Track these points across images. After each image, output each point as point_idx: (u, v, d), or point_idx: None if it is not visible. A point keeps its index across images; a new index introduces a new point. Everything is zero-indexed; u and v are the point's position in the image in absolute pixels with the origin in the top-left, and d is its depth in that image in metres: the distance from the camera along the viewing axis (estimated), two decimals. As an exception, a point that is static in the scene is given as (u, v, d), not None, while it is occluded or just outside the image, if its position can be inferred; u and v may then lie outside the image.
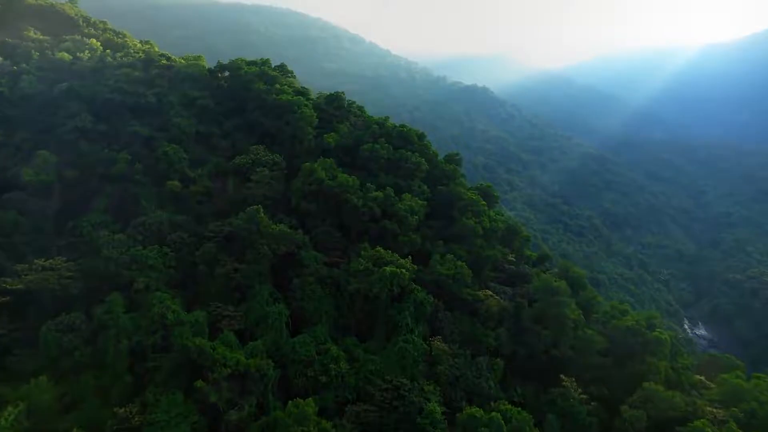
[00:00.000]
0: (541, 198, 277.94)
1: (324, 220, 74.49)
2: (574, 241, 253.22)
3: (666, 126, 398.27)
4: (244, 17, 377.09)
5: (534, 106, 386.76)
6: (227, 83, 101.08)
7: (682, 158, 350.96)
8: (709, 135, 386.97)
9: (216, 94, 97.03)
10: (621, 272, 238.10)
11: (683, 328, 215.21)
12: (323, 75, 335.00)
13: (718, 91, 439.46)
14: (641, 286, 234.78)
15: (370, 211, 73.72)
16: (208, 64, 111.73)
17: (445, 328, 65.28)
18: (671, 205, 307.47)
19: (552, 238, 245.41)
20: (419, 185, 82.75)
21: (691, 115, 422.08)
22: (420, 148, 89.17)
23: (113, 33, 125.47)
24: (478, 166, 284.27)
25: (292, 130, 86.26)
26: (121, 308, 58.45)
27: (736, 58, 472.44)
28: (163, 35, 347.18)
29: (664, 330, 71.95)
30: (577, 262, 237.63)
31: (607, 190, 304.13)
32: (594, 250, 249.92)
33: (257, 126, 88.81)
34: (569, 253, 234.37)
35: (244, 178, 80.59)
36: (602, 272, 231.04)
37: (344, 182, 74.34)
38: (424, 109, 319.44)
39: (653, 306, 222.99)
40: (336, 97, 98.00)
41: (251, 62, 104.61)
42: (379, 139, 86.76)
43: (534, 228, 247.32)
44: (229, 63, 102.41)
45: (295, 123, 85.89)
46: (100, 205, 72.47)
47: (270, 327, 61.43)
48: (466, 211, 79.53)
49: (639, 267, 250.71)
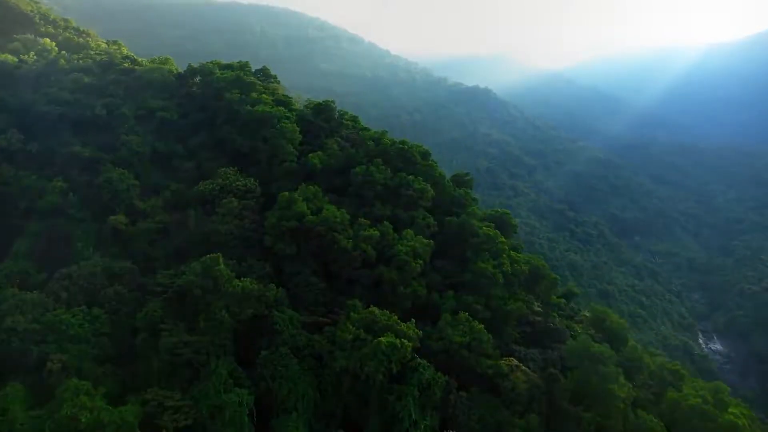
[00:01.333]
0: (547, 204, 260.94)
1: (305, 264, 57.79)
2: (581, 249, 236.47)
3: (670, 127, 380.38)
4: (240, 16, 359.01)
5: (536, 108, 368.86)
6: (200, 90, 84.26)
7: (688, 161, 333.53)
8: (714, 136, 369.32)
9: (184, 104, 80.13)
10: (632, 283, 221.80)
11: (698, 343, 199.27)
12: (321, 76, 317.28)
13: (722, 92, 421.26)
14: (653, 297, 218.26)
15: (363, 254, 57.14)
16: (177, 68, 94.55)
17: (460, 415, 48.55)
18: (679, 210, 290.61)
19: (559, 247, 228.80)
20: (423, 216, 65.97)
21: (695, 116, 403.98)
22: (424, 169, 72.18)
23: (75, 32, 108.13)
24: (481, 171, 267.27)
25: (269, 149, 69.46)
26: (20, 404, 42.04)
27: (741, 58, 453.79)
28: (155, 35, 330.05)
29: (736, 406, 55.00)
30: (586, 273, 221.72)
31: (613, 195, 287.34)
32: (603, 259, 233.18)
33: (229, 143, 71.94)
34: (578, 264, 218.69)
35: (211, 209, 64.03)
36: (612, 283, 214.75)
37: (331, 218, 57.61)
38: (425, 112, 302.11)
39: (666, 319, 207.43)
40: (325, 106, 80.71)
41: (226, 66, 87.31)
42: (375, 159, 69.70)
43: (540, 236, 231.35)
44: (200, 66, 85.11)
45: (273, 140, 69.10)
46: (21, 248, 55.78)
47: (228, 421, 44.92)
48: (482, 250, 62.61)
49: (649, 277, 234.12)
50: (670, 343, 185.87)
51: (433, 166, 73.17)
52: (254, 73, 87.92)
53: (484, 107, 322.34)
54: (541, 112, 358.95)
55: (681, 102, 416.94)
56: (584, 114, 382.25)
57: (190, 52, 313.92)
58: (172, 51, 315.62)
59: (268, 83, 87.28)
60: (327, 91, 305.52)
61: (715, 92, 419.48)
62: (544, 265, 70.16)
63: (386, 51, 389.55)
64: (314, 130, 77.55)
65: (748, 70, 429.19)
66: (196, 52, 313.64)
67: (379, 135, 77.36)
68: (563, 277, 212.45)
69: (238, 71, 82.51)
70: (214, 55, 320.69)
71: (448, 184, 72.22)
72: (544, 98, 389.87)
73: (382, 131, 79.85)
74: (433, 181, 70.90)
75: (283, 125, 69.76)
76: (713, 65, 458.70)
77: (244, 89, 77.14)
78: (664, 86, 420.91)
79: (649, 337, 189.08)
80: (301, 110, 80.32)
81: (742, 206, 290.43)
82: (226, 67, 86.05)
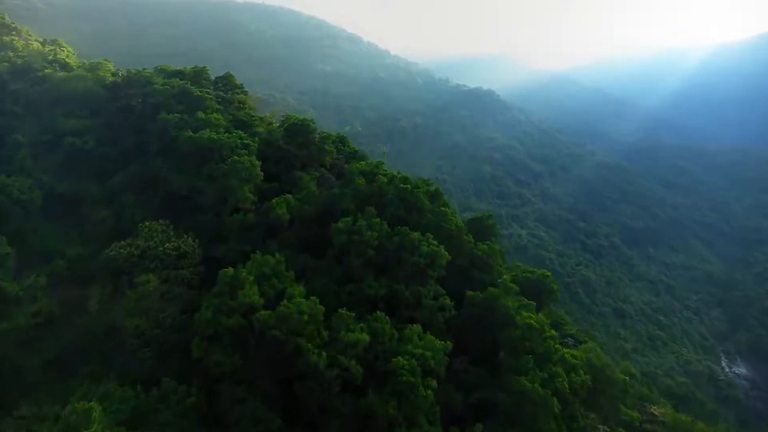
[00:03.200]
0: (555, 213, 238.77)
1: (253, 389, 35.95)
2: (593, 263, 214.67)
3: (677, 130, 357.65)
4: (234, 15, 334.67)
5: (539, 110, 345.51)
6: (139, 106, 61.81)
7: (699, 165, 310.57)
8: (723, 139, 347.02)
9: (114, 124, 57.99)
10: (648, 300, 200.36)
11: (721, 366, 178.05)
12: (317, 77, 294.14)
13: (729, 93, 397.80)
14: (671, 315, 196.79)
15: (344, 375, 35.37)
16: (120, 72, 71.60)
17: None
18: (693, 219, 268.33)
19: (570, 261, 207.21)
20: (435, 294, 43.92)
21: (701, 118, 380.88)
22: (435, 219, 49.83)
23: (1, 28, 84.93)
24: (485, 178, 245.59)
25: (216, 192, 47.43)
26: None
27: (747, 58, 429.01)
28: (146, 35, 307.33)
29: None
30: (601, 290, 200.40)
31: (624, 203, 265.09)
32: (616, 274, 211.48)
33: (162, 183, 49.78)
34: (591, 280, 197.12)
35: (128, 283, 42.11)
36: (628, 301, 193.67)
37: (293, 315, 35.74)
38: (426, 114, 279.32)
39: (686, 340, 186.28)
40: (301, 127, 57.60)
41: (175, 72, 64.36)
42: (367, 206, 47.37)
43: (549, 249, 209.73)
44: (136, 74, 62.00)
45: (222, 179, 47.09)
46: None
47: None
48: (521, 350, 40.46)
49: (666, 292, 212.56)
50: (692, 368, 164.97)
51: (447, 213, 50.55)
52: (214, 82, 65.23)
53: (488, 109, 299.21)
54: (545, 114, 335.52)
55: (687, 103, 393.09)
56: (589, 116, 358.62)
57: (181, 53, 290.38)
58: (162, 51, 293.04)
59: (232, 94, 64.46)
60: (324, 92, 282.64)
61: (722, 93, 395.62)
62: (610, 367, 47.67)
63: (386, 51, 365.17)
64: (285, 159, 55.10)
65: (754, 71, 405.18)
66: (187, 52, 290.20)
67: (372, 167, 54.52)
68: (576, 294, 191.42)
69: (188, 80, 59.61)
70: (207, 56, 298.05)
71: (467, 238, 49.74)
72: (547, 100, 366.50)
73: (377, 162, 56.88)
74: (447, 236, 48.57)
75: (237, 159, 47.43)
76: (719, 66, 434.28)
77: (190, 106, 54.50)
78: (669, 87, 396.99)
79: (670, 361, 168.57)
80: (269, 133, 57.46)
81: (757, 214, 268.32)
82: (174, 74, 63.09)
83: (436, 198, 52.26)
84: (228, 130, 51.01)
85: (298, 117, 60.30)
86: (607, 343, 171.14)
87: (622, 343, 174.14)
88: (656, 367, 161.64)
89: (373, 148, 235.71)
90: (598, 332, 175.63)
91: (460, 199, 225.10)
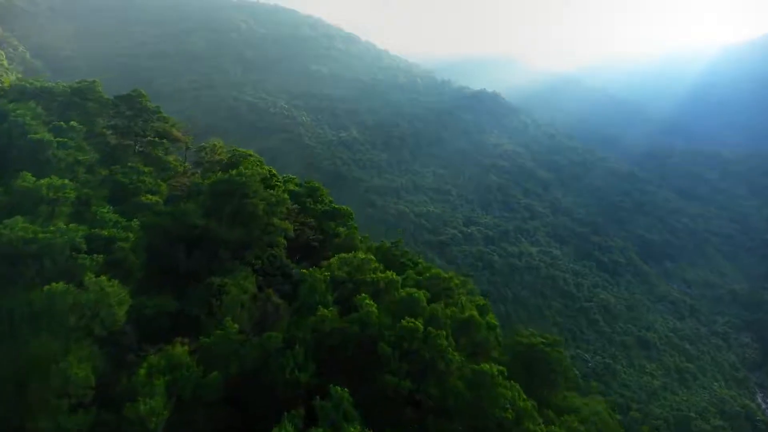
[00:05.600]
0: (567, 226, 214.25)
1: None
2: (610, 283, 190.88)
3: (687, 134, 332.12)
4: (225, 13, 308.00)
5: (545, 113, 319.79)
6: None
7: (714, 172, 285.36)
8: (735, 142, 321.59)
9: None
10: (673, 326, 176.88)
11: (757, 403, 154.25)
12: (312, 79, 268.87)
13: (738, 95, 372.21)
14: (697, 343, 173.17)
15: None
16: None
17: None
18: (711, 230, 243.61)
19: (586, 282, 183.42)
20: None
21: (712, 121, 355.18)
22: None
23: None
24: (492, 188, 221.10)
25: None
26: None
27: (756, 59, 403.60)
28: (133, 34, 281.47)
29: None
30: (622, 316, 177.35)
31: (638, 213, 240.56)
32: (636, 295, 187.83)
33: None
34: (610, 305, 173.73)
35: None
36: (652, 328, 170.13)
37: None
38: (427, 119, 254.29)
39: (717, 372, 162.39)
40: (238, 186, 31.74)
41: (40, 91, 38.80)
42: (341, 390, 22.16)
43: (563, 268, 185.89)
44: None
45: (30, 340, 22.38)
46: None
47: None
48: None
49: (690, 315, 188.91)
50: (727, 408, 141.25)
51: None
52: (114, 104, 39.84)
53: (492, 113, 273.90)
54: (552, 118, 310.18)
55: (696, 105, 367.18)
56: (596, 119, 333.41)
57: (168, 52, 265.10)
58: (148, 51, 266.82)
59: (142, 122, 38.92)
60: (318, 96, 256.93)
61: (732, 95, 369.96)
62: None
63: (385, 51, 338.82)
64: (206, 244, 29.92)
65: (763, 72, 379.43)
66: (174, 53, 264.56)
67: (360, 264, 28.68)
68: (595, 322, 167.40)
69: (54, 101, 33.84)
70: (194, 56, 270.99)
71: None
72: (552, 102, 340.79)
73: (384, 247, 30.85)
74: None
75: (58, 289, 22.26)
76: (729, 66, 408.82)
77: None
78: (677, 88, 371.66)
79: (702, 399, 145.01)
80: (181, 203, 31.58)
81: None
82: (40, 92, 37.35)
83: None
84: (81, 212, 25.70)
85: (246, 160, 34.88)
86: (632, 380, 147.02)
87: (648, 379, 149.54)
88: (689, 408, 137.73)
89: (371, 157, 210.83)
90: (621, 365, 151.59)
91: (465, 212, 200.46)
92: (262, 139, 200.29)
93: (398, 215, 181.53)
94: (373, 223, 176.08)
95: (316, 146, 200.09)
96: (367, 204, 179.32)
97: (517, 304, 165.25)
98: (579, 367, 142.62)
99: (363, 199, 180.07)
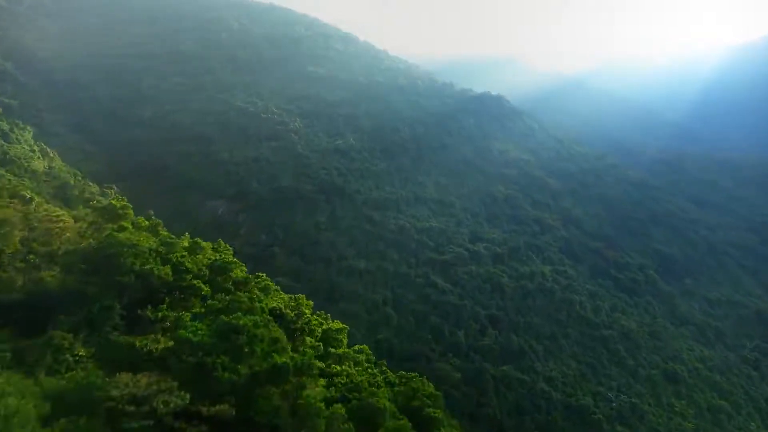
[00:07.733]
0: (580, 241, 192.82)
1: None
2: (630, 306, 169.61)
3: (700, 138, 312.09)
4: (217, 12, 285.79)
5: (551, 116, 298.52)
6: None
7: (729, 179, 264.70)
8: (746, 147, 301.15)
9: None
10: (700, 354, 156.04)
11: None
12: (308, 81, 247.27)
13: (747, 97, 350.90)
14: (728, 374, 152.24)
15: None
16: None
17: None
18: (731, 242, 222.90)
19: (604, 305, 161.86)
20: None
21: (721, 124, 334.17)
22: None
23: None
24: (498, 199, 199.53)
25: None
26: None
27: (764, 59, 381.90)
28: (121, 33, 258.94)
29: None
30: (645, 345, 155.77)
31: (654, 225, 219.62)
32: (659, 320, 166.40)
33: None
34: (632, 332, 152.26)
35: None
36: (679, 359, 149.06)
37: None
38: (429, 124, 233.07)
39: (751, 407, 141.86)
40: None
41: None
42: None
43: (579, 290, 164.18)
44: None
45: None
46: None
47: None
48: None
49: (716, 339, 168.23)
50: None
51: None
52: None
53: (497, 117, 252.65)
54: (558, 122, 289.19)
55: (704, 109, 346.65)
56: (603, 124, 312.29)
57: (156, 53, 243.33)
58: (134, 52, 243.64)
59: None
60: (314, 99, 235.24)
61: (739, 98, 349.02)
62: None
63: (384, 52, 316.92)
64: None
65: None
66: (162, 54, 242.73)
67: None
68: (616, 352, 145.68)
69: None
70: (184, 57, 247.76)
71: None
72: (558, 106, 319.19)
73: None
74: None
75: None
76: (733, 69, 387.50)
77: None
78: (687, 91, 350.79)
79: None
80: None
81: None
82: None
83: None
84: None
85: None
86: (661, 424, 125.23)
87: (679, 420, 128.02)
88: None
89: (369, 166, 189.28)
90: (648, 405, 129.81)
91: (471, 226, 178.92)
92: (252, 146, 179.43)
93: (398, 231, 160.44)
94: (371, 240, 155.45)
95: (310, 155, 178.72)
96: (365, 220, 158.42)
97: (530, 333, 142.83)
98: (602, 409, 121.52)
99: (360, 214, 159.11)
